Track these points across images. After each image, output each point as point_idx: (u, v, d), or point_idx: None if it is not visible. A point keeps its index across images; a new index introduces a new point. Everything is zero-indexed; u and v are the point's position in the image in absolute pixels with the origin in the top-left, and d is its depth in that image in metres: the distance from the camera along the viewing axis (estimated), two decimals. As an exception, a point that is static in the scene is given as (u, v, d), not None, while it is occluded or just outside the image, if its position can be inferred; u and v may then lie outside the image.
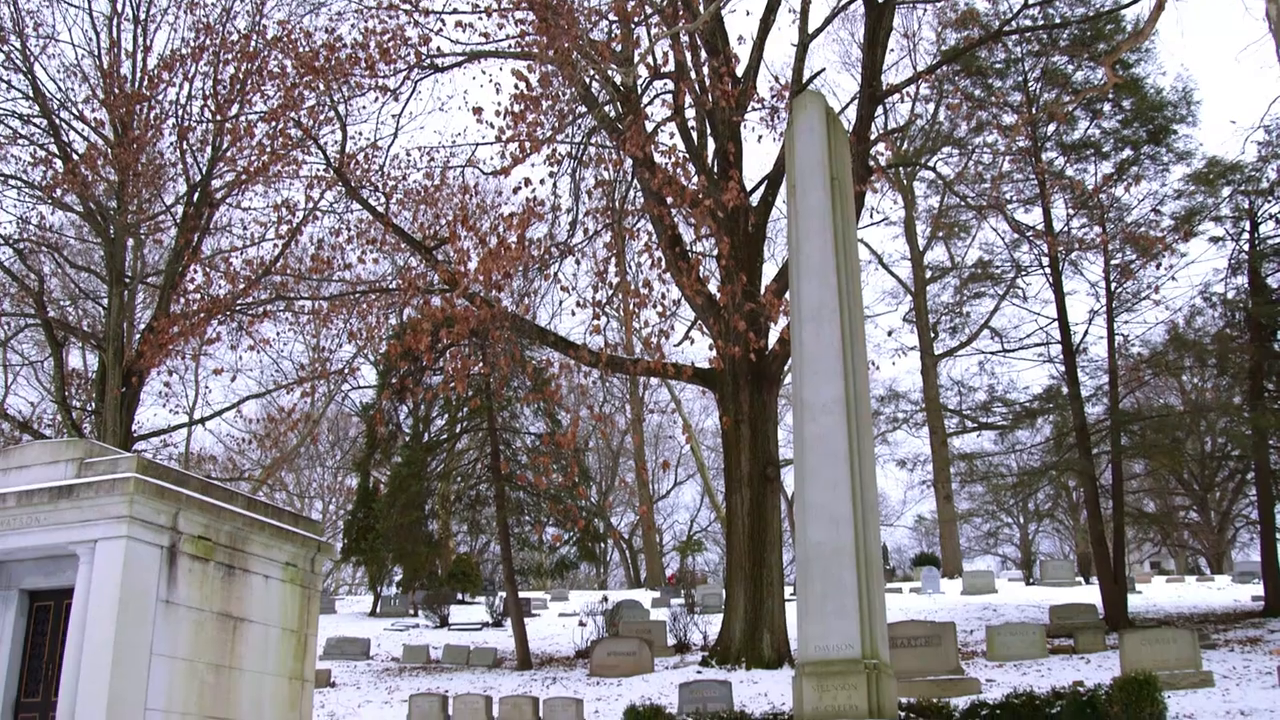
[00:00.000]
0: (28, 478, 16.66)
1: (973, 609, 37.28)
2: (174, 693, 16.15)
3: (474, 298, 24.47)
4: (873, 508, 16.45)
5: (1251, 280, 32.85)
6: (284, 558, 18.54)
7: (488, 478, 36.32)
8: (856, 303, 17.58)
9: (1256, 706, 17.94)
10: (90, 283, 36.61)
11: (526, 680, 29.79)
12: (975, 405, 37.96)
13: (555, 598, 51.30)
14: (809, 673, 15.32)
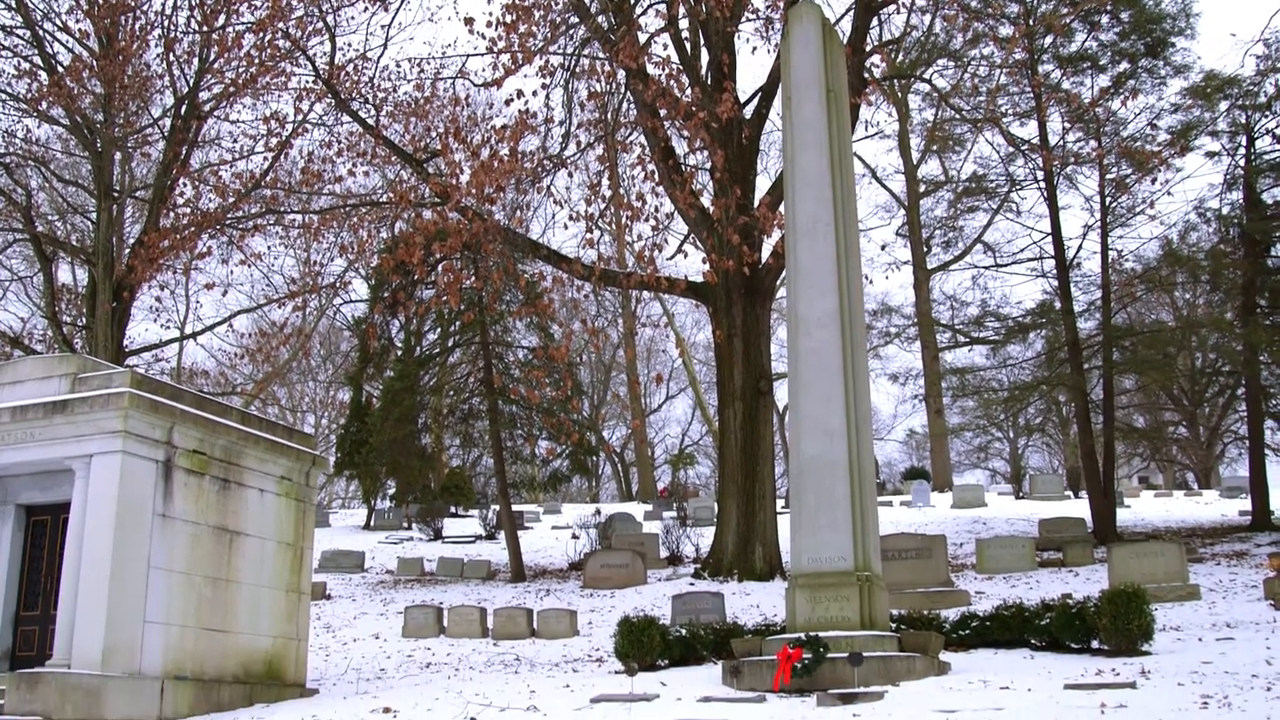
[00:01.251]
0: (21, 393, 16.64)
1: (962, 522, 37.60)
2: (172, 605, 16.27)
3: (466, 211, 24.30)
4: (866, 421, 16.50)
5: (1247, 196, 32.72)
6: (279, 472, 18.59)
7: (480, 392, 36.35)
8: (851, 216, 17.49)
9: (1242, 619, 18.16)
10: (78, 197, 36.26)
11: (520, 592, 30.08)
12: (968, 320, 38.04)
13: (548, 511, 51.64)
14: (802, 585, 15.46)
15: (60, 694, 14.44)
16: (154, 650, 15.87)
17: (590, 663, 19.85)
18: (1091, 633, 15.72)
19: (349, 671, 20.63)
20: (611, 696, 14.25)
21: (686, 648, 17.85)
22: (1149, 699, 11.43)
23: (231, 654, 17.27)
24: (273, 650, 18.08)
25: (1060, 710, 10.96)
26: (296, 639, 18.66)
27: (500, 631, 24.62)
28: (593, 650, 21.52)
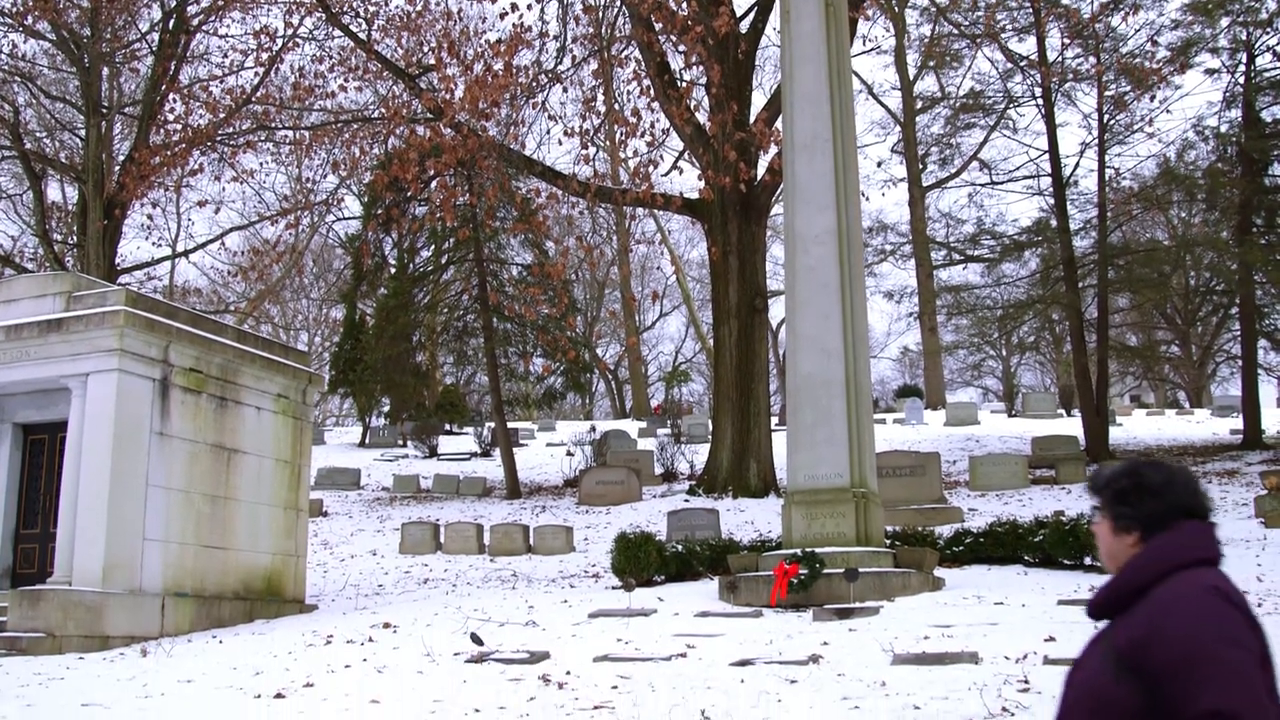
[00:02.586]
0: (15, 312, 16.58)
1: (956, 440, 37.78)
2: (171, 523, 16.35)
3: (460, 127, 24.05)
4: (863, 339, 16.52)
5: (1245, 114, 32.44)
6: (275, 389, 18.59)
7: (475, 309, 36.30)
8: (850, 133, 17.37)
9: (1233, 536, 18.31)
10: (66, 113, 35.85)
11: (516, 509, 30.25)
12: (963, 238, 37.84)
13: (542, 428, 51.80)
14: (798, 501, 15.57)
15: (62, 610, 14.56)
16: (154, 567, 15.99)
17: (587, 578, 20.03)
18: (1084, 549, 15.88)
19: (347, 588, 20.80)
20: (609, 612, 14.39)
21: (683, 564, 18.01)
22: (1142, 614, 11.55)
23: (231, 571, 17.40)
24: (272, 567, 18.22)
25: (1054, 625, 11.08)
26: (295, 555, 18.80)
27: (497, 548, 24.80)
28: (589, 566, 21.71)
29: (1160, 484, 3.01)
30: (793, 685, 9.17)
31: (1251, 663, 2.67)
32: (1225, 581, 2.84)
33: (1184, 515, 2.98)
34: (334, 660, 11.95)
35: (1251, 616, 2.76)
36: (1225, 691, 2.59)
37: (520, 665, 10.91)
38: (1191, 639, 2.68)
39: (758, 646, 11.21)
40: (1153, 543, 2.96)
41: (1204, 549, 2.93)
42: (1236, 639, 2.68)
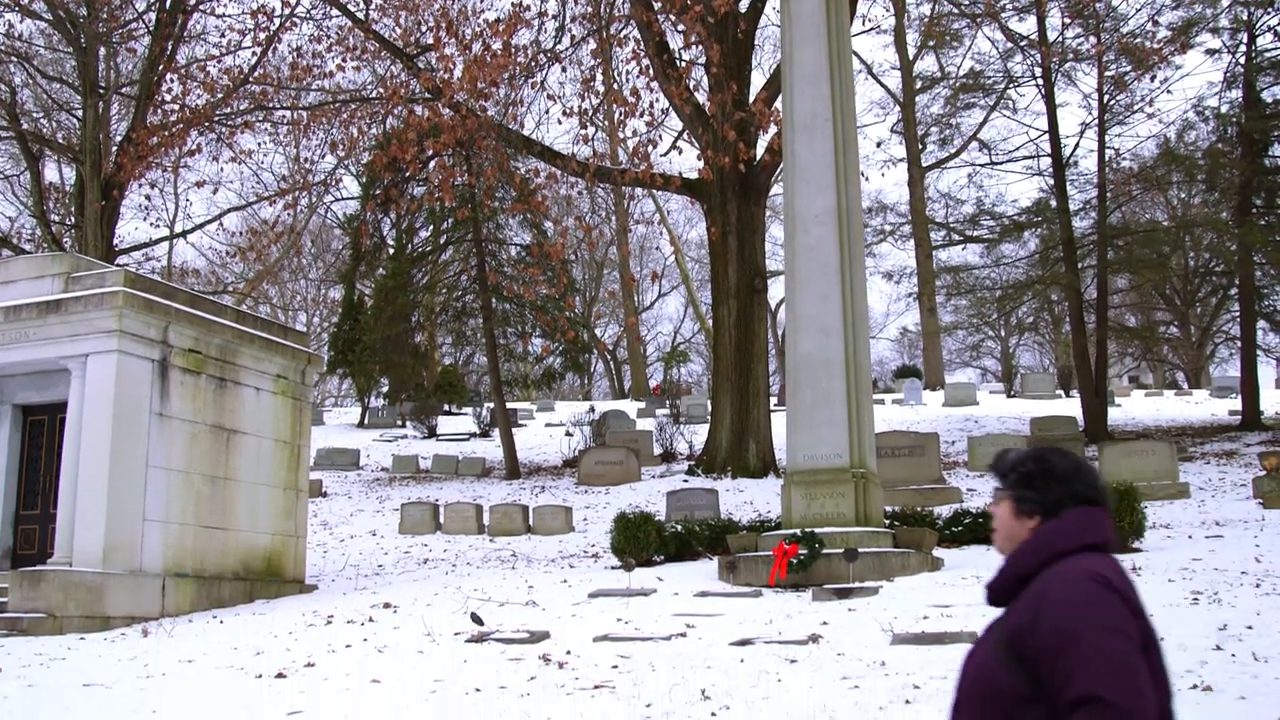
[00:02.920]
0: (13, 293, 16.56)
1: (954, 420, 37.81)
2: (171, 503, 16.36)
3: (459, 107, 23.98)
4: (862, 319, 16.50)
5: (1246, 94, 32.34)
6: (275, 370, 18.59)
7: (473, 289, 36.25)
8: (850, 112, 17.32)
9: (1231, 517, 18.35)
10: (63, 94, 35.70)
11: (515, 489, 30.29)
12: (963, 218, 37.79)
13: (541, 409, 51.81)
14: (798, 481, 15.58)
15: (63, 591, 14.58)
16: (154, 548, 16.01)
17: (586, 558, 20.06)
18: (1083, 529, 15.87)
19: (347, 568, 20.83)
20: (609, 591, 14.42)
21: (682, 544, 18.03)
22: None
23: (231, 551, 17.42)
24: (272, 547, 18.24)
25: (1053, 605, 11.09)
26: (295, 536, 18.82)
27: (496, 528, 24.83)
28: (588, 546, 21.74)
29: (1066, 471, 3.03)
30: (792, 665, 9.20)
31: (1129, 649, 2.67)
32: (1111, 567, 2.85)
33: (1083, 504, 3.00)
34: (334, 640, 11.98)
35: (1134, 603, 2.78)
36: (1099, 677, 2.60)
37: (520, 645, 10.94)
38: (1068, 624, 2.69)
39: (757, 626, 11.23)
40: (1042, 529, 2.98)
41: (1093, 534, 2.94)
42: (1114, 625, 2.69)
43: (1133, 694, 2.60)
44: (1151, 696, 2.66)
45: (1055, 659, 2.68)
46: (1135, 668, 2.65)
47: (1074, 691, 2.61)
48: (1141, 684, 2.64)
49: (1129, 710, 2.58)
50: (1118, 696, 2.57)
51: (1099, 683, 2.59)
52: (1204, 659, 8.55)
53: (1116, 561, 2.92)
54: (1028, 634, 2.76)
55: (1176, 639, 9.27)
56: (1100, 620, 2.68)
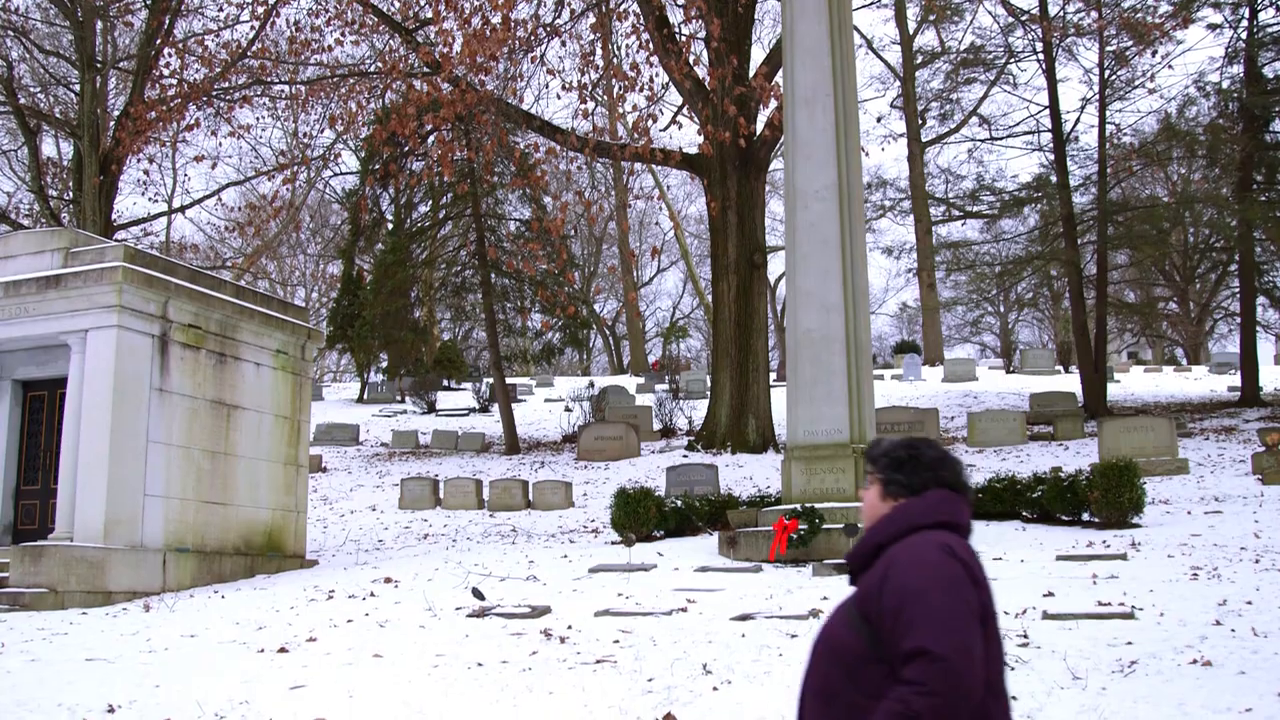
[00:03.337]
0: (13, 268, 16.54)
1: (954, 396, 37.84)
2: (171, 478, 16.38)
3: (458, 81, 23.89)
4: (863, 295, 16.48)
5: (1247, 70, 32.22)
6: (274, 345, 18.58)
7: (473, 264, 36.22)
8: (851, 87, 17.25)
9: (1230, 493, 18.38)
10: (60, 68, 35.53)
11: (515, 464, 30.33)
12: (962, 194, 37.72)
13: (540, 384, 51.85)
14: (798, 456, 15.60)
15: (64, 566, 14.61)
16: (155, 523, 16.03)
17: (586, 534, 20.10)
18: (1082, 505, 15.92)
19: (348, 543, 20.87)
20: (609, 567, 14.45)
21: (682, 519, 18.06)
22: (1139, 570, 11.62)
23: (232, 526, 17.45)
24: (272, 522, 18.27)
25: (1052, 581, 11.14)
26: (296, 511, 18.84)
27: (496, 503, 24.88)
28: (588, 521, 21.78)
29: (933, 459, 3.26)
30: (793, 640, 9.22)
31: (964, 611, 2.84)
32: (959, 542, 3.06)
33: (944, 488, 3.22)
34: (336, 615, 12.01)
35: (976, 574, 2.96)
36: (931, 633, 2.77)
37: (522, 620, 10.97)
38: (911, 584, 2.88)
39: (758, 601, 11.26)
40: (902, 505, 3.20)
41: (947, 514, 3.15)
42: (952, 587, 2.88)
43: (961, 650, 2.77)
44: (980, 657, 2.83)
45: (896, 617, 2.85)
46: (967, 627, 2.82)
47: (908, 645, 2.79)
48: (971, 643, 2.80)
49: (955, 664, 2.74)
50: (946, 651, 2.74)
51: (930, 638, 2.77)
52: (1203, 634, 8.58)
53: (966, 542, 3.13)
54: (874, 596, 2.95)
55: (1176, 614, 9.31)
56: (939, 583, 2.88)
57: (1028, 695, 7.24)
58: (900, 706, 2.75)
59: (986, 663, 2.89)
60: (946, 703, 2.73)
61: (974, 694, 2.79)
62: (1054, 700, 7.13)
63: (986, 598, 2.99)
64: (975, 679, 2.79)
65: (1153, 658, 7.94)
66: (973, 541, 3.24)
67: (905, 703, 2.75)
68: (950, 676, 2.74)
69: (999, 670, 3.00)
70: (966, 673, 2.75)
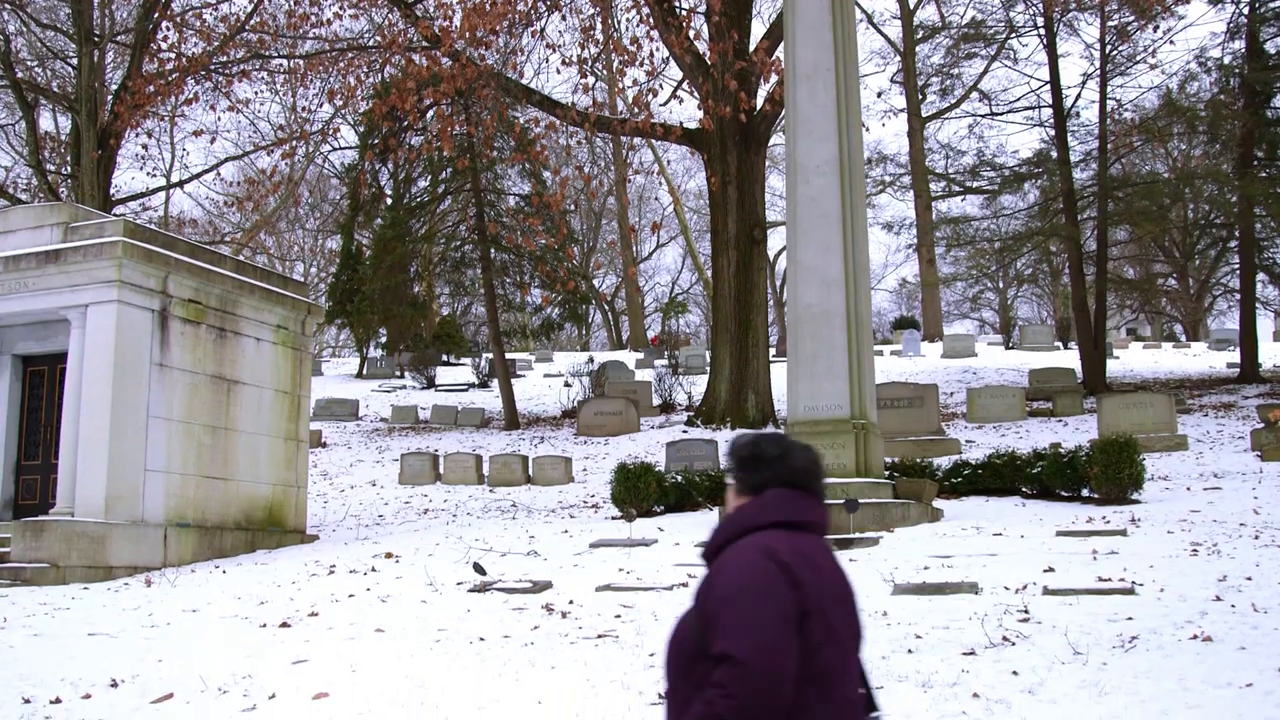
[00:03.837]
0: (12, 243, 16.51)
1: (953, 372, 37.85)
2: (172, 453, 16.39)
3: (458, 55, 23.80)
4: (864, 270, 16.47)
5: (1249, 45, 32.09)
6: (274, 320, 18.57)
7: (472, 239, 36.15)
8: (852, 62, 17.19)
9: (1229, 469, 18.40)
10: (58, 42, 35.38)
11: (515, 439, 30.35)
12: (962, 169, 37.61)
13: (539, 359, 51.85)
14: (798, 432, 15.59)
15: (65, 541, 14.63)
16: (155, 498, 16.05)
17: (586, 509, 20.13)
18: (1082, 481, 15.94)
19: (348, 518, 20.90)
20: (610, 542, 14.48)
21: (682, 494, 18.09)
22: (1139, 546, 11.64)
23: (232, 501, 17.47)
24: (273, 497, 18.29)
25: (1053, 556, 11.16)
26: (296, 486, 18.87)
27: (496, 478, 24.91)
28: (588, 496, 21.82)
29: (772, 456, 3.32)
30: (795, 615, 9.23)
31: (773, 614, 2.95)
32: (788, 542, 3.13)
33: (784, 486, 3.28)
34: (337, 590, 12.04)
35: (796, 575, 3.04)
36: (736, 638, 2.91)
37: (523, 595, 10.99)
38: (727, 590, 3.02)
39: (759, 577, 11.27)
40: (742, 506, 3.30)
41: (783, 513, 3.22)
42: (762, 593, 2.98)
43: (764, 654, 2.90)
44: (786, 658, 2.93)
45: (714, 620, 3.00)
46: (772, 631, 2.93)
47: (717, 648, 2.94)
48: (776, 646, 2.92)
49: (755, 669, 2.87)
50: (747, 656, 2.88)
51: (734, 643, 2.91)
52: (1204, 610, 8.60)
53: (803, 538, 3.19)
54: (705, 596, 3.09)
55: (1176, 590, 9.33)
56: (751, 589, 2.99)
57: (1029, 670, 7.27)
58: (706, 708, 2.91)
59: (809, 657, 3.00)
60: (747, 705, 2.87)
61: (775, 696, 2.91)
62: (1055, 675, 7.15)
63: (809, 595, 3.04)
64: (778, 682, 2.91)
65: (1153, 633, 7.97)
66: (971, 517, 3.25)
67: (710, 704, 2.90)
68: (750, 680, 2.88)
69: (839, 660, 3.09)
70: (765, 677, 2.88)
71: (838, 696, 3.08)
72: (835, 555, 3.31)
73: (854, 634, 3.23)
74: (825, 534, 3.34)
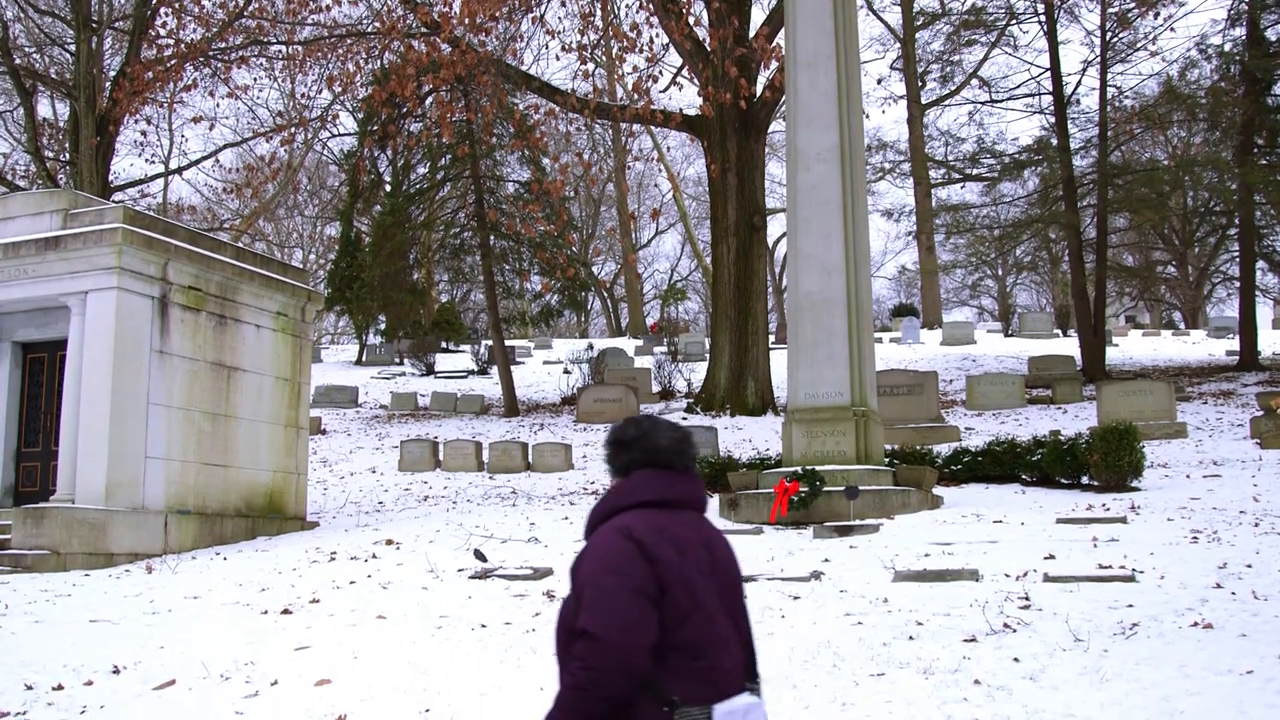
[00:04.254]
0: (12, 230, 16.48)
1: (952, 359, 37.87)
2: (172, 440, 16.39)
3: (458, 42, 23.74)
4: (864, 257, 16.47)
5: (1250, 32, 32.03)
6: (275, 307, 18.55)
7: (471, 226, 36.12)
8: (853, 49, 17.16)
9: (1229, 457, 18.43)
10: (56, 28, 35.27)
11: (514, 426, 30.35)
12: (962, 156, 37.61)
13: (539, 346, 51.83)
14: (799, 419, 15.62)
15: (66, 528, 14.64)
16: (156, 485, 16.05)
17: (586, 495, 20.14)
18: (1082, 469, 15.96)
19: (348, 505, 20.91)
20: (610, 529, 14.47)
21: (682, 481, 18.04)
22: (1139, 533, 11.65)
23: (233, 488, 17.47)
24: (273, 484, 18.29)
25: (1053, 543, 11.17)
26: (296, 473, 18.87)
27: (495, 465, 24.92)
28: (588, 483, 21.83)
29: (632, 439, 3.52)
30: (795, 601, 9.26)
31: (626, 590, 3.15)
32: (646, 521, 3.31)
33: (648, 467, 3.47)
34: (338, 576, 12.05)
35: (653, 553, 3.21)
36: (592, 614, 3.13)
37: (524, 581, 11.00)
38: (588, 568, 3.24)
39: (759, 563, 11.30)
40: (608, 490, 3.50)
41: (648, 493, 3.40)
42: (618, 571, 3.18)
43: (616, 629, 3.10)
44: (639, 630, 3.13)
45: (579, 598, 3.22)
46: (625, 607, 3.14)
47: (579, 625, 3.15)
48: (628, 621, 3.12)
49: (609, 644, 3.08)
50: (601, 631, 3.09)
51: (590, 619, 3.13)
52: (1204, 597, 8.61)
53: (666, 515, 3.37)
54: (575, 576, 3.31)
55: (1176, 577, 9.35)
56: (607, 569, 3.19)
57: (1030, 657, 7.29)
58: (569, 679, 3.15)
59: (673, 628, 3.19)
60: (601, 675, 3.09)
61: (630, 666, 3.12)
62: (1056, 662, 7.17)
63: (665, 571, 3.22)
64: (631, 653, 3.11)
65: (1154, 620, 7.98)
66: (972, 505, 3.30)
67: (573, 675, 3.13)
68: (605, 654, 3.09)
69: (705, 629, 3.26)
70: (618, 649, 3.09)
71: (705, 665, 3.24)
72: (706, 529, 3.47)
73: (728, 605, 3.40)
74: (698, 508, 3.50)
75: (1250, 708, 6.17)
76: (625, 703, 3.13)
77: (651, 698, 3.15)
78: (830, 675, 7.22)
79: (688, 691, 3.18)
